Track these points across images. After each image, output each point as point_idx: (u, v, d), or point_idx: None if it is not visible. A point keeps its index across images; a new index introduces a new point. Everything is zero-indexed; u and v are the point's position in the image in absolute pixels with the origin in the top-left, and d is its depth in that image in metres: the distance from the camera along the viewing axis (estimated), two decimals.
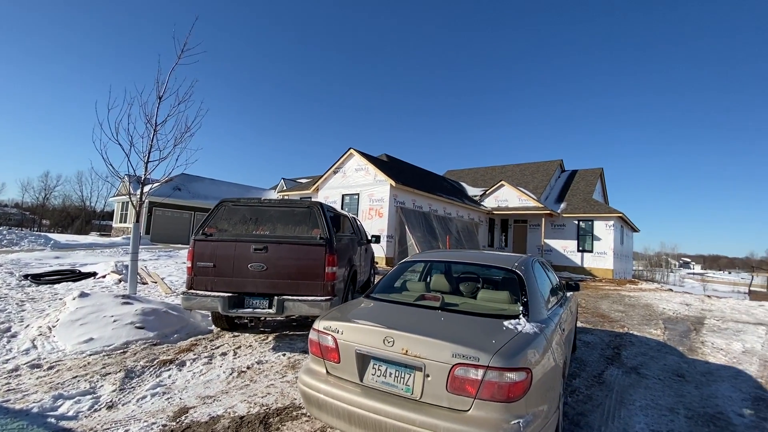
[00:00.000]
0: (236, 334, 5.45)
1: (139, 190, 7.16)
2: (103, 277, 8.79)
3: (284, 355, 4.67)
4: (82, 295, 5.61)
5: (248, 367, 4.26)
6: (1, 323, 5.11)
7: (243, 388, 3.72)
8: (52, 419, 2.99)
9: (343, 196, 18.39)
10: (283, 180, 32.64)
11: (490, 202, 24.26)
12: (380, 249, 15.87)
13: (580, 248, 22.26)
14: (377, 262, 12.52)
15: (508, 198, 23.65)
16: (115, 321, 5.01)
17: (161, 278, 9.20)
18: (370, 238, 8.84)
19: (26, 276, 8.18)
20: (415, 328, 2.46)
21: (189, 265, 4.86)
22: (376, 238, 8.94)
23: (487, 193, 24.62)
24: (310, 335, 2.73)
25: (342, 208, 17.50)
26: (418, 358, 2.24)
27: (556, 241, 22.99)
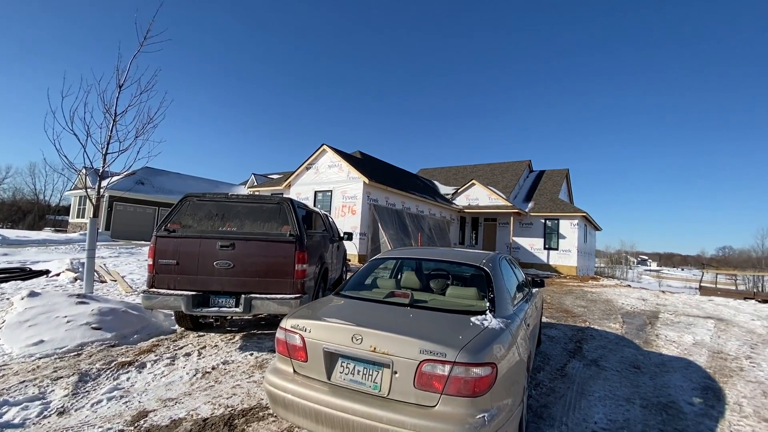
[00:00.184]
0: (201, 333, 5.28)
1: (98, 184, 6.80)
2: (57, 275, 8.29)
3: (251, 355, 4.56)
4: (32, 295, 5.26)
5: (213, 368, 4.13)
6: None
7: (207, 390, 3.60)
8: None
9: (316, 192, 18.17)
10: (253, 175, 31.89)
11: (461, 201, 24.65)
12: (353, 246, 15.81)
13: (547, 246, 23.02)
14: (350, 260, 12.47)
15: (479, 197, 24.11)
16: (68, 322, 4.73)
17: (121, 276, 8.78)
18: (343, 236, 8.78)
19: None
20: (384, 325, 2.46)
21: (150, 263, 4.65)
22: (349, 236, 8.89)
23: (459, 191, 25.00)
24: (277, 334, 2.67)
25: (314, 205, 17.29)
26: (386, 355, 2.23)
27: (524, 239, 23.66)
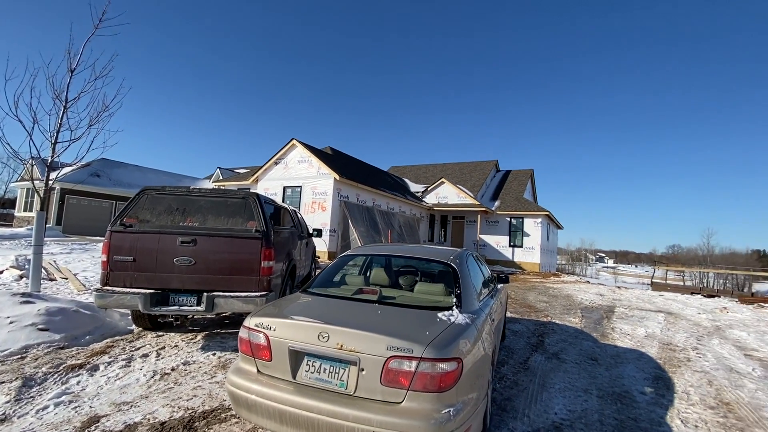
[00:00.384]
0: (160, 333, 5.04)
1: (46, 175, 6.34)
2: (0, 273, 7.68)
3: (214, 355, 4.40)
4: None
5: (173, 369, 3.95)
6: None
7: (166, 392, 3.44)
8: None
9: (285, 188, 17.82)
10: (219, 169, 30.77)
11: (431, 199, 24.95)
12: (323, 243, 15.63)
13: (512, 243, 23.76)
14: (319, 257, 12.32)
15: (448, 195, 24.49)
16: (11, 323, 4.39)
17: (73, 274, 8.25)
18: (312, 232, 8.64)
19: None
20: (351, 322, 2.43)
21: (104, 259, 4.39)
22: (318, 232, 8.76)
23: (429, 189, 25.30)
24: (240, 333, 2.58)
25: (283, 201, 16.95)
26: (353, 353, 2.21)
27: (491, 237, 24.30)
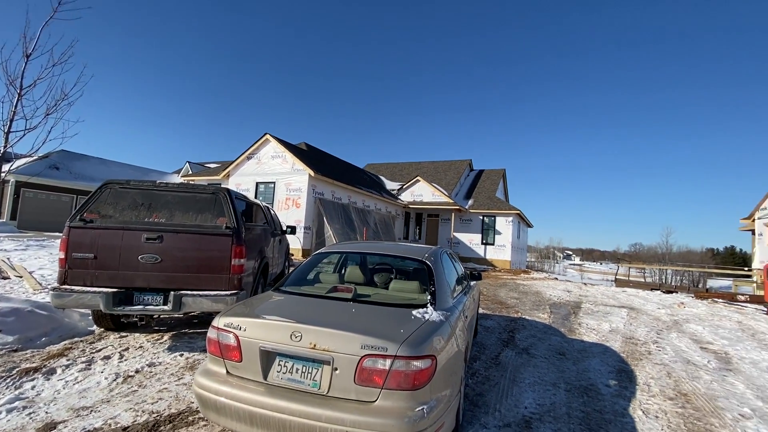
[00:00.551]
0: (124, 334, 4.82)
1: None
2: None
3: (181, 356, 4.25)
4: None
5: (137, 371, 3.79)
6: None
7: (129, 395, 3.29)
8: None
9: (258, 184, 17.43)
10: (188, 163, 29.78)
11: (406, 197, 25.07)
12: (297, 240, 15.41)
13: (484, 241, 24.25)
14: (293, 254, 12.13)
15: (423, 193, 24.67)
16: None
17: (29, 272, 7.77)
18: (286, 229, 8.49)
19: None
20: (325, 320, 2.39)
21: (62, 257, 4.15)
22: (292, 229, 8.62)
23: (404, 187, 25.40)
24: (209, 333, 2.49)
25: (256, 197, 16.58)
26: (326, 352, 2.17)
27: (464, 235, 24.71)
